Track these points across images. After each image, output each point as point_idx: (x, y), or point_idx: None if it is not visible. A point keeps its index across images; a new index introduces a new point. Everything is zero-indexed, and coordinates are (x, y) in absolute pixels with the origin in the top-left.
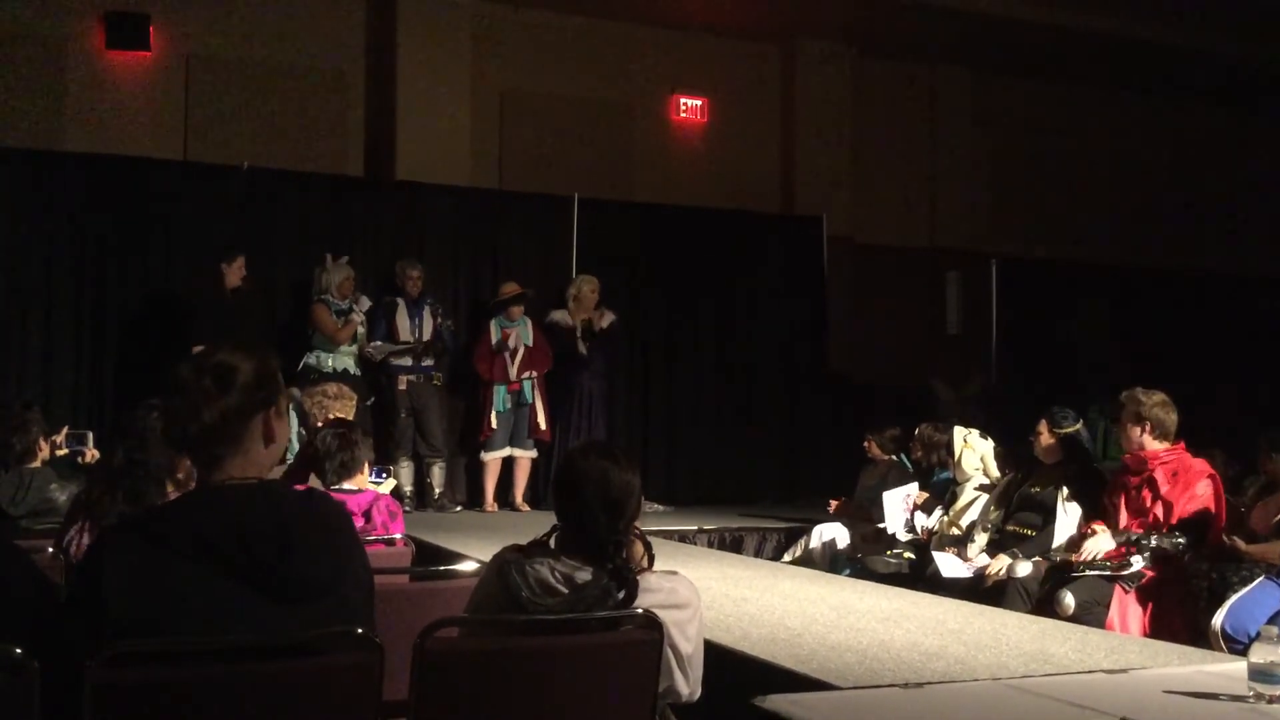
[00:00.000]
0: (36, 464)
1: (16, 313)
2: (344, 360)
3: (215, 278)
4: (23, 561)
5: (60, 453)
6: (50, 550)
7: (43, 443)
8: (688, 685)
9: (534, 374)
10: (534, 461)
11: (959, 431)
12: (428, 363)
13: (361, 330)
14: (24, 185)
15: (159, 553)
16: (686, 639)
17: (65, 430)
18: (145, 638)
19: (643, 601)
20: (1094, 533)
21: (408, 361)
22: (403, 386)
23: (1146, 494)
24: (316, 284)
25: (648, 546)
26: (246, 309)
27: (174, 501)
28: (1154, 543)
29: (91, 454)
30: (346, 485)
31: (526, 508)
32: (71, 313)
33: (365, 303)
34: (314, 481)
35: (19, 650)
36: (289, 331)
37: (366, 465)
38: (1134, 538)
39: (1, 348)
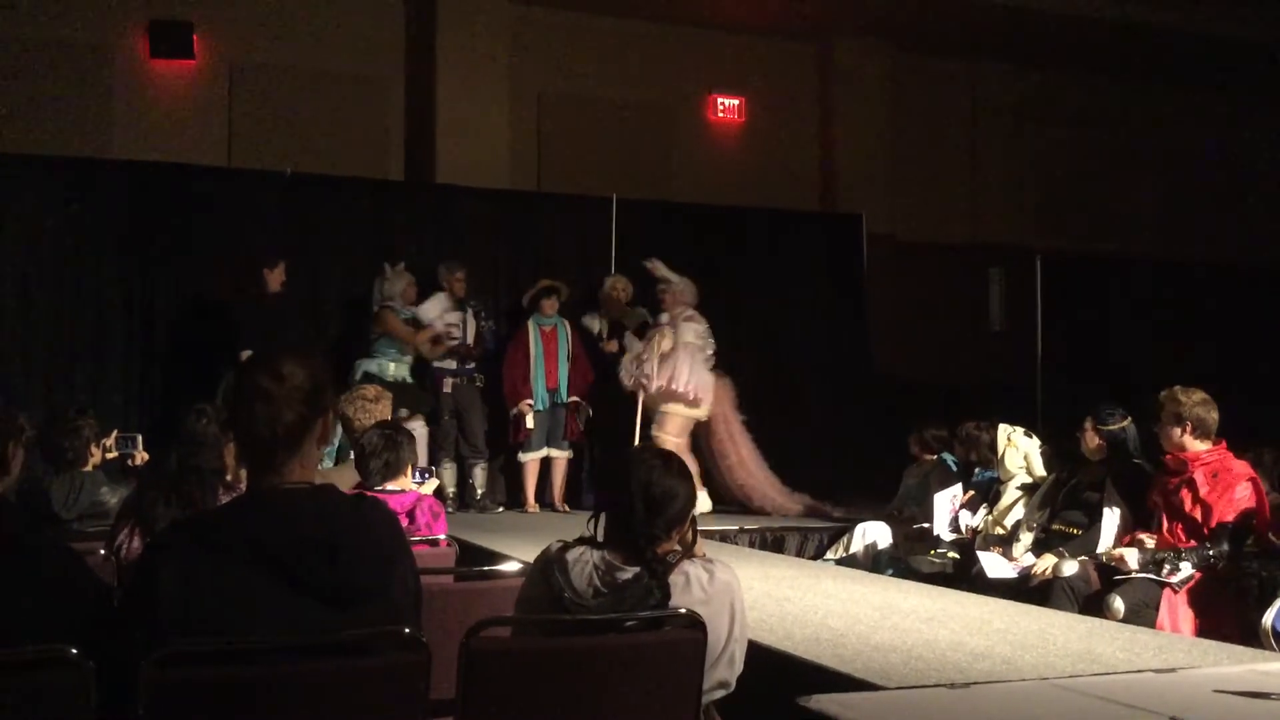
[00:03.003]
0: (88, 468)
1: (67, 317)
2: (403, 369)
3: (258, 283)
4: (79, 563)
5: (110, 455)
6: (102, 552)
7: (94, 448)
8: (732, 672)
9: (578, 400)
10: (570, 462)
11: (1003, 430)
12: (470, 365)
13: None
14: (73, 192)
15: (212, 556)
16: (731, 625)
17: (115, 433)
18: (198, 638)
19: (682, 599)
20: (1125, 551)
21: (452, 364)
22: (448, 389)
23: (1186, 495)
24: (377, 292)
25: (694, 525)
26: (287, 314)
27: (227, 505)
28: (1184, 559)
29: (141, 456)
30: (389, 486)
31: (566, 508)
32: (120, 317)
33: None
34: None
35: (75, 650)
36: (341, 337)
37: (410, 467)
38: (1160, 556)
39: (53, 352)
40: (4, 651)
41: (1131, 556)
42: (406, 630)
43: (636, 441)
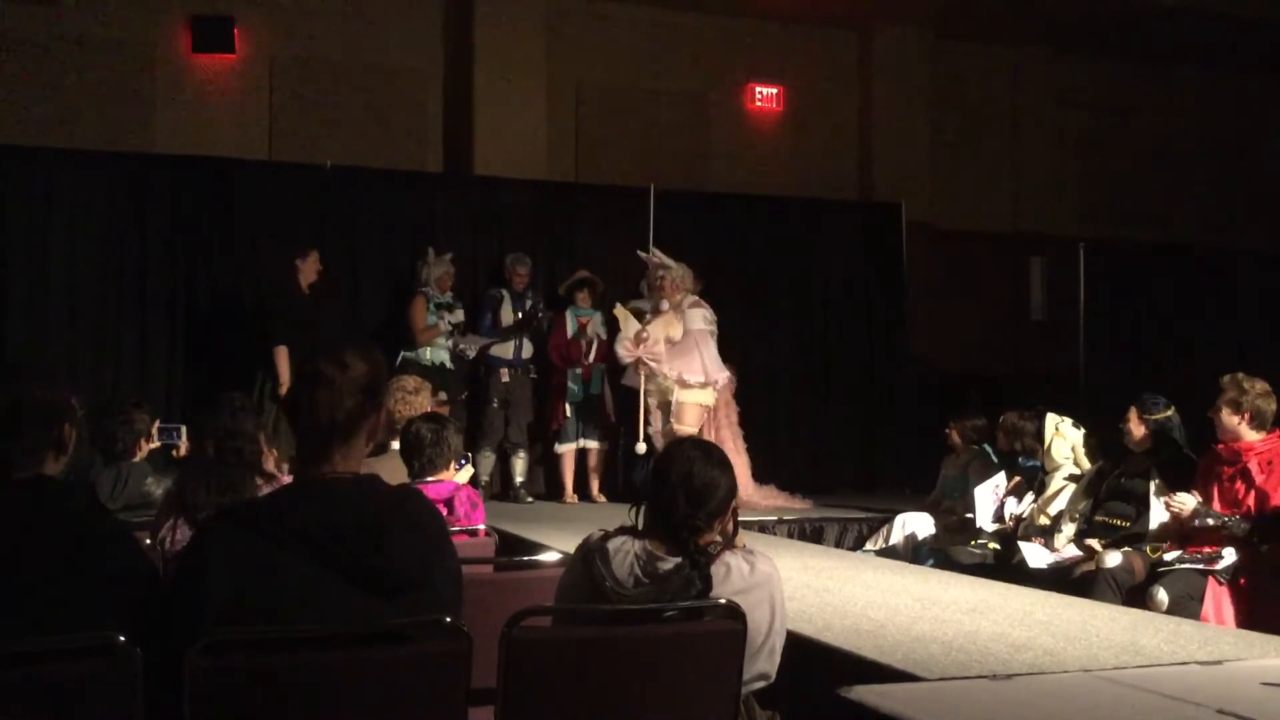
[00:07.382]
0: (136, 459)
1: (112, 310)
2: (440, 354)
3: (290, 274)
4: (135, 546)
5: (153, 445)
6: (147, 542)
7: (143, 441)
8: (772, 664)
9: (604, 365)
10: (605, 453)
11: (1050, 419)
12: (526, 355)
13: (447, 335)
14: (116, 187)
15: (260, 543)
16: (772, 617)
17: (157, 424)
18: (244, 626)
19: (723, 589)
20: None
21: (508, 354)
22: (506, 379)
23: (1240, 485)
24: (417, 277)
25: (735, 516)
26: (324, 306)
27: (274, 493)
28: (1218, 521)
29: (185, 447)
30: (428, 477)
31: (603, 498)
32: (162, 309)
33: (459, 314)
34: (397, 467)
35: (122, 637)
36: (382, 327)
37: (452, 463)
38: (1219, 518)
39: (98, 344)
40: (54, 639)
41: (1189, 500)
42: (449, 619)
43: (642, 428)
